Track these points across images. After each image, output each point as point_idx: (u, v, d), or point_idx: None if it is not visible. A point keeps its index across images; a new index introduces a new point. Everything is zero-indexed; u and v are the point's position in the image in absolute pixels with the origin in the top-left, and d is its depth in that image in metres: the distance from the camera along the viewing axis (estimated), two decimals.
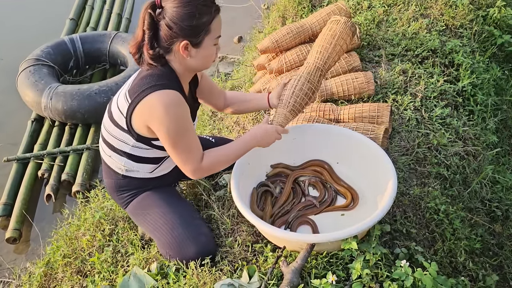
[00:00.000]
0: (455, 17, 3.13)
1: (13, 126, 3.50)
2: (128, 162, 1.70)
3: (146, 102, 1.51)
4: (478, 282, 1.83)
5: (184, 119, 1.55)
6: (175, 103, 1.51)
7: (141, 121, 1.56)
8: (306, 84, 1.79)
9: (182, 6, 1.48)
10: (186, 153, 1.59)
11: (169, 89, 1.51)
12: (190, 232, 1.69)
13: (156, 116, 1.51)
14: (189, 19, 1.49)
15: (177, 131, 1.53)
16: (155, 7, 1.49)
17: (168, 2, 1.49)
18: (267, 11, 4.27)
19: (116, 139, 1.66)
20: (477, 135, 2.46)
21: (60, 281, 1.89)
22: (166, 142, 1.57)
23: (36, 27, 4.46)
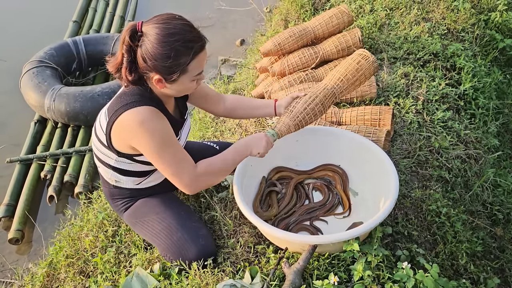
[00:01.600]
0: (456, 21, 3.14)
1: (16, 127, 3.51)
2: (114, 175, 1.70)
3: (120, 121, 1.49)
4: (479, 285, 1.83)
5: (163, 132, 1.50)
6: (149, 118, 1.47)
7: (121, 139, 1.54)
8: (319, 106, 1.76)
9: (159, 43, 1.40)
10: (175, 165, 1.53)
11: (142, 106, 1.48)
12: (189, 235, 1.69)
13: (134, 135, 1.48)
14: (164, 60, 1.42)
15: (159, 145, 1.49)
16: (135, 32, 1.43)
17: (149, 28, 1.42)
18: (270, 14, 4.29)
19: (101, 152, 1.65)
20: (479, 138, 2.46)
21: (63, 282, 1.89)
22: (151, 159, 1.53)
23: (39, 29, 4.48)
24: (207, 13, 4.72)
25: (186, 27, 1.45)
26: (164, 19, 1.44)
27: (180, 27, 1.44)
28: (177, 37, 1.42)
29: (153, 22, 1.44)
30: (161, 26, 1.42)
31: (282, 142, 1.97)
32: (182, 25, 1.45)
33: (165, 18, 1.44)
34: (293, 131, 1.77)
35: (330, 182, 1.98)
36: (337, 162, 2.01)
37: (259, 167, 1.95)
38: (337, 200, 1.91)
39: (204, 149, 2.02)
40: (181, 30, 1.43)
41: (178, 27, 1.43)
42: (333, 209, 1.88)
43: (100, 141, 1.62)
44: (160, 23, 1.42)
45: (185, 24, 1.46)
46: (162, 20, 1.43)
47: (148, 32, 1.42)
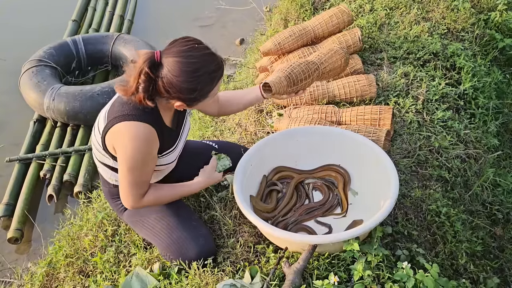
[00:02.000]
0: (456, 21, 3.14)
1: (16, 126, 3.50)
2: (114, 175, 1.70)
3: (116, 129, 1.51)
4: (479, 284, 1.83)
5: (145, 155, 1.53)
6: (142, 137, 1.49)
7: (111, 143, 1.56)
8: (303, 65, 1.84)
9: (184, 79, 1.41)
10: (131, 186, 1.57)
11: (142, 122, 1.49)
12: (189, 234, 1.69)
13: (121, 143, 1.51)
14: (189, 93, 1.45)
15: (133, 164, 1.52)
16: (154, 63, 1.41)
17: (170, 60, 1.40)
18: (269, 13, 4.28)
19: (100, 153, 1.66)
20: (478, 138, 2.46)
21: (62, 281, 1.89)
22: (120, 168, 1.56)
23: (38, 29, 4.47)
24: (207, 12, 4.71)
25: (207, 57, 1.45)
26: (185, 50, 1.42)
27: (202, 58, 1.44)
28: (201, 71, 1.43)
29: (174, 54, 1.41)
30: (184, 61, 1.41)
31: (282, 141, 1.97)
32: (204, 55, 1.45)
33: (186, 50, 1.42)
34: (285, 85, 1.79)
35: (332, 183, 1.97)
36: (337, 161, 2.01)
37: (259, 167, 1.95)
38: (337, 200, 1.90)
39: (204, 148, 2.02)
40: (204, 62, 1.44)
41: (201, 59, 1.43)
42: (331, 209, 1.88)
43: (98, 142, 1.62)
44: (182, 56, 1.41)
45: (206, 54, 1.46)
46: (183, 52, 1.41)
47: (170, 66, 1.40)
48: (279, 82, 1.78)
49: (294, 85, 1.81)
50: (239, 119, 2.59)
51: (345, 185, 1.94)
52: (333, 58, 1.98)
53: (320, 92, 2.41)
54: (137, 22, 4.67)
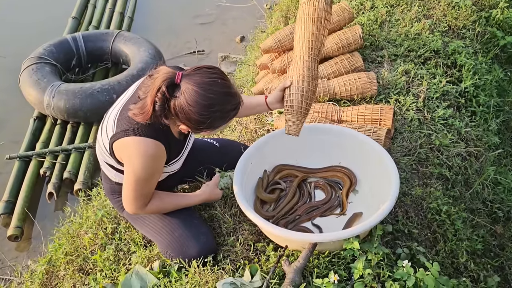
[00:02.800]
0: (458, 18, 3.13)
1: (15, 124, 3.50)
2: (118, 175, 1.70)
3: (125, 142, 1.50)
4: (479, 283, 1.83)
5: (151, 172, 1.54)
6: (151, 154, 1.49)
7: (118, 154, 1.57)
8: (311, 83, 1.74)
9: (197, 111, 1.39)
10: (136, 196, 1.60)
11: (152, 139, 1.48)
12: (190, 232, 1.69)
13: (129, 157, 1.52)
14: (198, 124, 1.44)
15: (140, 177, 1.53)
16: (173, 84, 1.40)
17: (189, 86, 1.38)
18: (270, 10, 4.27)
19: (105, 153, 1.65)
20: (479, 136, 2.46)
21: (62, 279, 1.89)
22: (126, 180, 1.57)
23: (38, 26, 4.46)
24: (207, 9, 4.70)
25: (227, 97, 1.43)
26: (206, 83, 1.39)
27: (221, 97, 1.42)
28: (216, 108, 1.41)
29: (195, 82, 1.39)
30: (202, 93, 1.38)
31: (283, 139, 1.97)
32: (224, 94, 1.42)
33: (207, 82, 1.39)
34: (304, 122, 1.77)
35: (337, 183, 1.95)
36: (338, 159, 2.00)
37: (259, 165, 1.94)
38: (337, 201, 1.88)
39: (205, 145, 2.02)
40: (221, 100, 1.42)
41: (219, 96, 1.41)
42: (331, 210, 1.86)
43: (104, 144, 1.61)
44: (202, 88, 1.38)
45: (226, 92, 1.43)
46: (204, 84, 1.39)
47: (187, 93, 1.38)
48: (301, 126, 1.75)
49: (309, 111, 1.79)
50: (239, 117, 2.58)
51: (351, 187, 1.93)
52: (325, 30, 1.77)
53: (321, 90, 2.40)
54: (137, 19, 4.66)
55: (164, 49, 3.91)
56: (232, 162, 1.89)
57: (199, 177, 1.99)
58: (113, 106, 1.64)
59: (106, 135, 1.57)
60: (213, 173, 1.98)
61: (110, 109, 1.63)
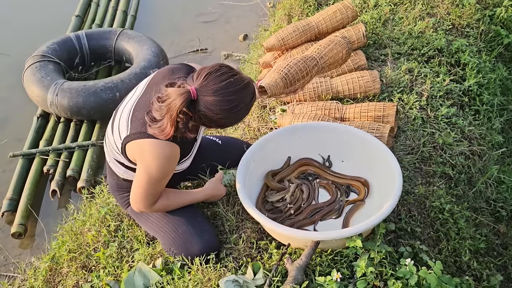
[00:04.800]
0: (461, 17, 3.11)
1: (19, 121, 3.51)
2: (127, 172, 1.71)
3: (140, 144, 1.51)
4: (482, 281, 1.83)
5: (165, 172, 1.56)
6: (165, 156, 1.51)
7: (131, 154, 1.58)
8: (301, 63, 1.78)
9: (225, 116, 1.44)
10: (146, 196, 1.61)
11: (166, 141, 1.49)
12: (194, 229, 1.70)
13: (144, 158, 1.53)
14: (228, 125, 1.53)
15: (153, 179, 1.55)
16: (191, 102, 1.40)
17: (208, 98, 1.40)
18: (273, 9, 4.27)
19: (115, 151, 1.66)
20: (483, 135, 2.45)
21: (65, 276, 1.90)
22: (139, 179, 1.57)
23: (42, 24, 4.47)
24: (210, 8, 4.70)
25: (243, 91, 1.46)
26: (222, 87, 1.41)
27: (239, 94, 1.44)
28: (240, 106, 1.45)
29: (211, 92, 1.40)
30: (222, 99, 1.40)
31: (285, 137, 1.97)
32: (240, 90, 1.44)
33: (222, 87, 1.41)
34: (281, 87, 1.74)
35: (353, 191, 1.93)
36: (340, 158, 2.00)
37: (262, 163, 1.94)
38: (338, 206, 1.84)
39: (208, 143, 2.02)
40: (241, 98, 1.45)
41: (238, 95, 1.44)
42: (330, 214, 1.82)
43: (115, 143, 1.62)
44: (220, 94, 1.40)
45: (241, 87, 1.45)
46: (221, 90, 1.40)
47: (209, 105, 1.40)
48: (275, 85, 1.73)
49: (291, 85, 1.77)
50: None
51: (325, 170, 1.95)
52: (334, 50, 1.89)
53: (324, 88, 2.40)
54: (140, 17, 4.66)
55: (167, 47, 3.91)
56: (235, 160, 1.89)
57: (202, 175, 1.99)
58: (123, 103, 1.64)
59: (119, 134, 1.58)
60: (216, 171, 1.99)
61: (121, 107, 1.63)
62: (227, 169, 1.99)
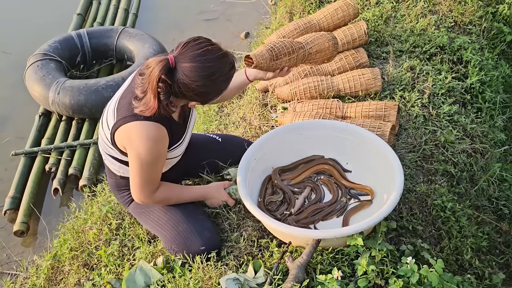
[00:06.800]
0: (464, 14, 3.10)
1: (21, 120, 3.52)
2: (122, 167, 1.71)
3: (127, 128, 1.52)
4: (484, 280, 1.82)
5: (157, 154, 1.56)
6: (153, 137, 1.51)
7: (120, 142, 1.58)
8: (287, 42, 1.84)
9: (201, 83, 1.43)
10: (143, 183, 1.61)
11: (152, 122, 1.50)
12: (194, 227, 1.70)
13: (132, 143, 1.53)
14: (206, 94, 1.49)
15: (146, 163, 1.55)
16: (170, 69, 1.42)
17: (185, 65, 1.41)
18: (274, 7, 4.26)
19: (107, 145, 1.66)
20: (485, 132, 2.44)
21: (67, 274, 1.90)
22: (132, 166, 1.58)
23: (43, 22, 4.48)
24: (212, 6, 4.69)
25: (221, 59, 1.47)
26: (199, 54, 1.42)
27: (217, 62, 1.45)
28: (217, 74, 1.46)
29: (189, 59, 1.42)
30: (200, 65, 1.42)
31: (287, 135, 1.97)
32: (218, 58, 1.45)
33: (200, 54, 1.42)
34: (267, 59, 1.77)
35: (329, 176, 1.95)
36: (342, 156, 1.99)
37: (263, 161, 1.93)
38: (339, 206, 1.83)
39: (207, 141, 2.02)
40: (219, 65, 1.46)
41: (215, 62, 1.45)
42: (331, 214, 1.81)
43: (106, 136, 1.63)
44: (198, 60, 1.42)
45: (219, 55, 1.46)
46: (198, 57, 1.42)
47: (187, 71, 1.41)
48: (261, 55, 1.77)
49: (277, 59, 1.79)
50: (243, 113, 2.58)
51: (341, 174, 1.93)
52: (320, 40, 1.95)
53: (325, 86, 2.39)
54: (141, 15, 4.66)
55: (168, 45, 3.91)
56: (235, 158, 1.89)
57: (203, 173, 1.99)
58: (110, 101, 1.67)
59: (107, 126, 1.59)
60: (216, 169, 1.98)
61: (108, 104, 1.66)
62: (228, 167, 1.98)
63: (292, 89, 2.41)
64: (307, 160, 2.00)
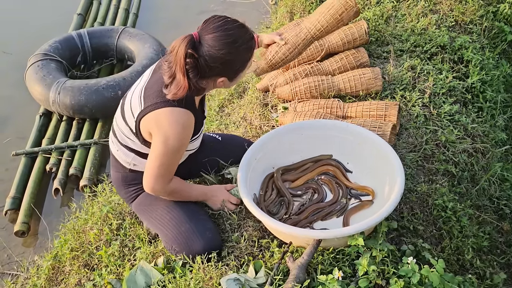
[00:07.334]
0: (464, 13, 3.09)
1: (21, 120, 3.52)
2: (136, 158, 1.72)
3: (156, 113, 1.54)
4: (485, 280, 1.82)
5: (182, 141, 1.58)
6: (182, 123, 1.55)
7: (147, 128, 1.59)
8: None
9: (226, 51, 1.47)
10: (163, 171, 1.61)
11: (183, 109, 1.54)
12: (196, 227, 1.70)
13: (161, 127, 1.54)
14: (232, 64, 1.52)
15: (171, 148, 1.56)
16: (195, 44, 1.47)
17: (209, 37, 1.46)
18: (275, 6, 4.25)
19: (125, 136, 1.68)
20: (486, 132, 2.43)
21: (68, 274, 1.90)
22: (154, 153, 1.58)
23: (44, 22, 4.48)
24: (212, 5, 4.69)
25: (241, 29, 1.52)
26: (220, 25, 1.48)
27: (237, 30, 1.51)
28: (239, 42, 1.50)
29: (211, 30, 1.47)
30: (223, 34, 1.47)
31: (287, 135, 1.96)
32: (238, 27, 1.51)
33: (221, 24, 1.48)
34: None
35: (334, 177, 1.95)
36: (342, 156, 1.99)
37: (264, 161, 1.93)
38: (339, 207, 1.82)
39: (208, 140, 2.02)
40: (240, 33, 1.51)
41: (236, 30, 1.50)
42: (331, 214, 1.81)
43: (127, 124, 1.64)
44: (219, 30, 1.47)
45: (239, 25, 1.52)
46: (220, 27, 1.48)
47: (211, 42, 1.46)
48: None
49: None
50: (244, 112, 2.58)
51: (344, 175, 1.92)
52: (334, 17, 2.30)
53: (325, 86, 2.39)
54: (142, 15, 4.66)
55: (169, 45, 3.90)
56: (236, 157, 1.90)
57: (204, 172, 1.99)
58: (130, 92, 1.68)
59: (132, 114, 1.61)
60: (217, 168, 1.99)
61: (129, 95, 1.67)
62: (228, 166, 1.98)
63: (292, 89, 2.40)
64: (314, 160, 1.99)
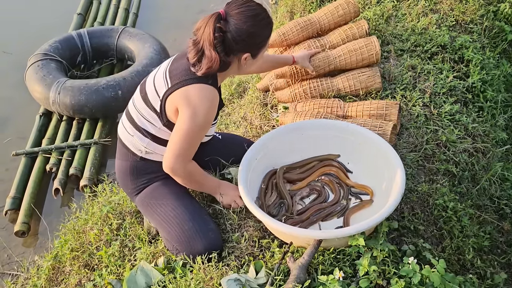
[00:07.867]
0: (465, 12, 3.09)
1: (22, 120, 3.52)
2: (150, 144, 1.73)
3: (185, 91, 1.58)
4: (486, 280, 1.82)
5: (208, 119, 1.62)
6: (212, 99, 1.60)
7: (174, 105, 1.61)
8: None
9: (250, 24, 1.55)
10: (185, 149, 1.64)
11: (212, 87, 1.60)
12: (199, 227, 1.70)
13: (190, 102, 1.58)
14: (255, 37, 1.59)
15: (198, 124, 1.60)
16: (221, 19, 1.54)
17: (234, 13, 1.55)
18: (275, 6, 4.25)
19: (144, 118, 1.69)
20: (487, 132, 2.43)
21: (68, 275, 1.90)
22: (180, 128, 1.61)
23: (44, 22, 4.48)
24: (212, 5, 4.68)
25: (261, 6, 1.63)
26: (243, 2, 1.58)
27: (259, 6, 1.61)
28: (261, 16, 1.60)
29: (236, 7, 1.57)
30: (247, 9, 1.57)
31: (288, 135, 1.96)
32: (258, 5, 1.62)
33: (243, 2, 1.58)
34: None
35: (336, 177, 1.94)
36: (343, 155, 1.98)
37: (264, 161, 1.93)
38: (340, 208, 1.82)
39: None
40: (261, 9, 1.62)
41: (258, 6, 1.61)
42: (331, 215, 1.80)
43: (149, 105, 1.67)
44: (243, 5, 1.57)
45: (258, 3, 1.63)
46: (243, 4, 1.58)
47: (236, 17, 1.55)
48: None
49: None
50: (244, 112, 2.58)
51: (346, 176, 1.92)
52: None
53: (325, 87, 2.39)
54: (142, 15, 4.66)
55: (169, 45, 3.91)
56: (236, 156, 1.90)
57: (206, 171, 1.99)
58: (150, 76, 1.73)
59: (156, 94, 1.65)
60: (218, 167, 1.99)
61: (149, 77, 1.72)
62: (229, 165, 1.98)
63: (291, 92, 2.40)
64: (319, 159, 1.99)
